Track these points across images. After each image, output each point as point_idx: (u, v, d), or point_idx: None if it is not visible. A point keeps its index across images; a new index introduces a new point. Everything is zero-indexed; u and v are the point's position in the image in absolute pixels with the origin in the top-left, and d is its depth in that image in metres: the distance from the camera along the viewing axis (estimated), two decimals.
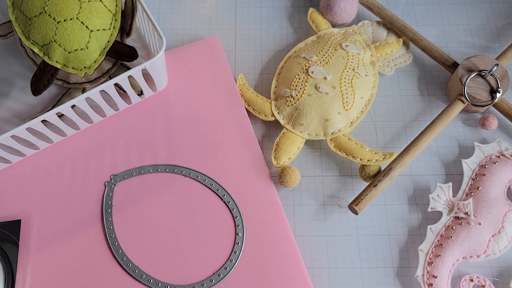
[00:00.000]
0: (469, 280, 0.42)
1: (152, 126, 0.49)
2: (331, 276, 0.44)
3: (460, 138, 0.50)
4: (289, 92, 0.48)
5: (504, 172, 0.45)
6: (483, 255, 0.43)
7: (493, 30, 0.55)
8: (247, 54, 0.54)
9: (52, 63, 0.43)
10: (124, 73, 0.43)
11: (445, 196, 0.45)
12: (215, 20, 0.56)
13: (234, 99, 0.50)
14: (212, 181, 0.46)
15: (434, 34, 0.55)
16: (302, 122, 0.47)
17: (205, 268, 0.43)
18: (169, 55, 0.51)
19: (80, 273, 0.43)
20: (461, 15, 0.56)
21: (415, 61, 0.54)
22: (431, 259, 0.43)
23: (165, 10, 0.56)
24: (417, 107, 0.51)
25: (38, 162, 0.47)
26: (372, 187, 0.43)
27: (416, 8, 0.57)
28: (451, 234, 0.43)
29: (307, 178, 0.48)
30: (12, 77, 0.51)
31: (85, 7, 0.42)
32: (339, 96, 0.47)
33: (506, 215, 0.43)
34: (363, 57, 0.50)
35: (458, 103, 0.48)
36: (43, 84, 0.44)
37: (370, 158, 0.45)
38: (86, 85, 0.48)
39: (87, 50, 0.43)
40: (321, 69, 0.48)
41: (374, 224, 0.46)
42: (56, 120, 0.43)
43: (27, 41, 0.43)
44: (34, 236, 0.44)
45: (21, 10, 0.43)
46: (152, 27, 0.45)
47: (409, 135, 0.49)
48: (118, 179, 0.46)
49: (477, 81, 0.48)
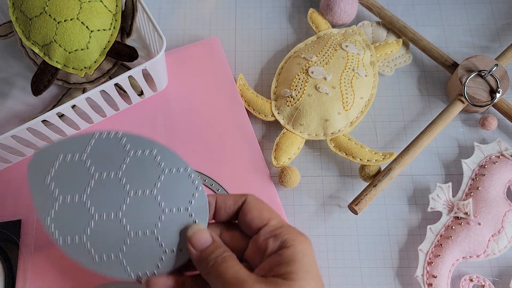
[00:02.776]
0: (469, 280, 0.42)
1: (152, 126, 0.49)
2: (331, 276, 0.44)
3: (460, 138, 0.50)
4: (289, 92, 0.48)
5: (504, 172, 0.45)
6: (482, 255, 0.43)
7: (493, 30, 0.55)
8: (247, 54, 0.54)
9: (53, 63, 0.43)
10: (125, 73, 0.43)
11: (445, 196, 0.45)
12: (215, 21, 0.56)
13: (234, 99, 0.50)
14: (212, 181, 0.46)
15: (434, 34, 0.55)
16: (302, 122, 0.47)
17: None
18: (169, 55, 0.51)
19: (80, 273, 0.42)
20: (461, 15, 0.56)
21: (415, 61, 0.54)
22: (431, 259, 0.43)
23: (165, 11, 0.56)
24: (416, 107, 0.51)
25: None
26: (372, 187, 0.43)
27: (416, 8, 0.57)
28: (450, 234, 0.43)
29: (307, 178, 0.48)
30: (12, 77, 0.51)
31: (86, 8, 0.42)
32: (339, 97, 0.47)
33: (505, 215, 0.43)
34: (363, 58, 0.50)
35: (458, 103, 0.48)
36: (44, 84, 0.44)
37: (370, 158, 0.45)
38: (87, 85, 0.48)
39: (87, 50, 0.43)
40: (321, 69, 0.48)
41: (374, 224, 0.46)
42: (57, 120, 0.43)
43: (27, 41, 0.43)
44: (34, 236, 0.44)
45: (21, 10, 0.43)
46: (152, 27, 0.45)
47: (409, 135, 0.50)
48: None
49: (476, 81, 0.48)
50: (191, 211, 0.32)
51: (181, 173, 0.32)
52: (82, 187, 0.31)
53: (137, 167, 0.32)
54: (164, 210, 0.31)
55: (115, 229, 0.31)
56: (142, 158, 0.32)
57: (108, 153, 0.32)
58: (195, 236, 0.30)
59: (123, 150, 0.32)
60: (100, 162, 0.32)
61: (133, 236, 0.31)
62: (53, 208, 0.31)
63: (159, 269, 0.31)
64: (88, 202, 0.31)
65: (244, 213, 0.32)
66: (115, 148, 0.32)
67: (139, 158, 0.32)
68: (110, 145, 0.32)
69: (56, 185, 0.31)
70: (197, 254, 0.30)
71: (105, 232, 0.31)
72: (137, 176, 0.32)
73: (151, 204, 0.31)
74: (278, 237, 0.30)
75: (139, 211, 0.31)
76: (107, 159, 0.32)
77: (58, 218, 0.31)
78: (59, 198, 0.31)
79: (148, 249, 0.31)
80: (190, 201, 0.32)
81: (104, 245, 0.31)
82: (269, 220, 0.31)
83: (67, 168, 0.31)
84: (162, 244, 0.31)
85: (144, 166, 0.32)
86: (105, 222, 0.31)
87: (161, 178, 0.32)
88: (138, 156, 0.32)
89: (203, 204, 0.32)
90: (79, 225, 0.31)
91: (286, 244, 0.29)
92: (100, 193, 0.31)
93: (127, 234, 0.31)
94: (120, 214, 0.31)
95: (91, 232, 0.31)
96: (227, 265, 0.28)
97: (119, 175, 0.32)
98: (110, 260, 0.31)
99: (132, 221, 0.31)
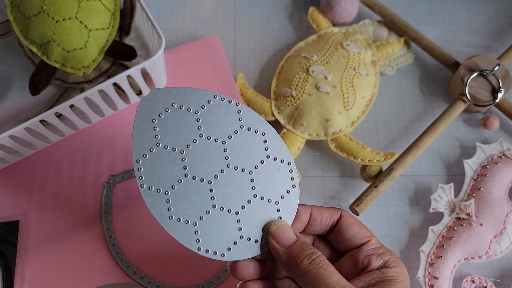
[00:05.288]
0: (471, 281, 0.42)
1: None
2: None
3: (462, 138, 0.49)
4: (290, 92, 0.48)
5: (506, 172, 0.45)
6: (484, 256, 0.42)
7: (495, 29, 0.55)
8: (247, 54, 0.54)
9: (51, 62, 0.43)
10: (123, 73, 0.43)
11: (447, 197, 0.45)
12: (214, 19, 0.56)
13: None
14: None
15: (436, 33, 0.55)
16: (302, 122, 0.47)
17: (205, 270, 0.42)
18: (168, 54, 0.51)
19: (78, 274, 0.42)
20: (462, 14, 0.56)
21: (416, 60, 0.53)
22: (433, 260, 0.42)
23: (164, 9, 0.56)
24: (418, 107, 0.51)
25: (37, 162, 0.47)
26: (373, 188, 0.43)
27: (417, 7, 0.57)
28: (452, 235, 0.43)
29: (307, 178, 0.47)
30: (10, 77, 0.51)
31: (84, 6, 0.42)
32: (339, 96, 0.47)
33: (508, 215, 0.43)
34: (364, 57, 0.50)
35: (460, 103, 0.47)
36: (42, 84, 0.44)
37: (371, 158, 0.45)
38: (85, 84, 0.47)
39: (85, 50, 0.43)
40: (321, 69, 0.48)
41: (375, 225, 0.45)
42: (55, 120, 0.43)
43: (25, 40, 0.43)
44: (32, 237, 0.44)
45: (19, 9, 0.43)
46: (151, 26, 0.45)
47: (410, 135, 0.49)
48: (117, 179, 0.46)
49: (478, 80, 0.48)
50: (280, 206, 0.31)
51: (284, 165, 0.32)
52: (185, 142, 0.31)
53: (244, 143, 0.31)
54: (255, 195, 0.31)
55: (202, 196, 0.30)
56: (252, 136, 0.32)
57: (221, 118, 0.31)
58: (279, 231, 0.30)
59: (236, 122, 0.32)
60: (210, 124, 0.31)
61: (216, 208, 0.30)
62: (149, 151, 0.30)
63: (229, 253, 0.30)
64: (186, 159, 0.31)
65: (345, 228, 0.32)
66: (230, 116, 0.32)
67: (249, 135, 0.32)
68: (227, 111, 0.32)
69: (160, 130, 0.31)
70: (284, 251, 0.30)
71: (191, 195, 0.30)
72: (241, 152, 0.31)
73: (245, 184, 0.31)
74: (382, 256, 0.31)
75: (231, 187, 0.31)
76: (218, 124, 0.31)
77: (150, 164, 0.30)
78: (159, 144, 0.31)
79: (225, 229, 0.30)
80: (282, 196, 0.31)
81: (186, 207, 0.30)
82: (370, 238, 0.32)
83: (177, 118, 0.31)
84: (241, 228, 0.31)
85: (251, 145, 0.31)
86: (195, 185, 0.31)
87: (263, 163, 0.31)
88: (248, 132, 0.32)
89: (293, 204, 0.32)
90: (168, 178, 0.30)
91: (389, 265, 0.31)
92: (200, 154, 0.31)
93: (212, 206, 0.30)
94: (213, 182, 0.31)
95: (177, 190, 0.30)
96: (327, 270, 0.29)
97: (225, 144, 0.31)
98: (185, 225, 0.30)
99: (221, 193, 0.31)
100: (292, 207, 0.32)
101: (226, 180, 0.31)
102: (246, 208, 0.31)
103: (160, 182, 0.30)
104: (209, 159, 0.31)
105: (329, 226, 0.33)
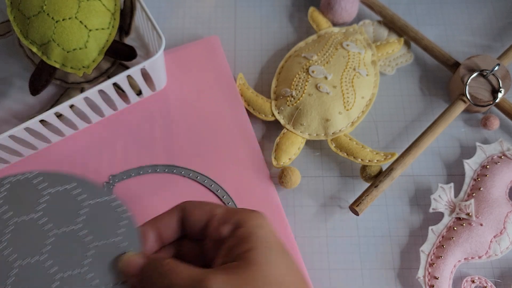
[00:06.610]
0: (471, 281, 0.42)
1: (151, 126, 0.48)
2: (331, 278, 0.43)
3: (462, 138, 0.49)
4: (290, 92, 0.48)
5: (506, 172, 0.45)
6: (484, 256, 0.42)
7: (495, 29, 0.55)
8: (247, 54, 0.54)
9: (51, 62, 0.43)
10: (123, 73, 0.43)
11: (447, 197, 0.45)
12: (214, 19, 0.55)
13: (234, 99, 0.49)
14: (212, 181, 0.46)
15: (435, 33, 0.55)
16: (302, 122, 0.47)
17: None
18: (168, 54, 0.51)
19: None
20: (462, 14, 0.56)
21: (416, 60, 0.53)
22: (433, 260, 0.42)
23: (164, 9, 0.56)
24: (418, 107, 0.51)
25: (36, 162, 0.47)
26: (373, 188, 0.43)
27: (417, 7, 0.57)
28: (452, 235, 0.43)
29: (307, 178, 0.47)
30: (10, 77, 0.51)
31: (84, 6, 0.42)
32: (340, 96, 0.47)
33: (508, 216, 0.43)
34: (364, 57, 0.50)
35: (460, 103, 0.47)
36: (42, 84, 0.44)
37: (371, 158, 0.45)
38: (85, 84, 0.47)
39: (85, 50, 0.43)
40: (321, 69, 0.48)
41: (375, 225, 0.45)
42: (55, 120, 0.43)
43: (25, 40, 0.43)
44: None
45: (19, 9, 0.43)
46: (151, 26, 0.45)
47: (410, 135, 0.49)
48: (116, 179, 0.46)
49: (478, 80, 0.48)
50: (120, 241, 0.30)
51: (104, 203, 0.30)
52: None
53: (55, 204, 0.30)
54: (89, 245, 0.29)
55: (39, 274, 0.28)
56: (61, 194, 0.30)
57: (22, 196, 0.29)
58: (125, 264, 0.28)
59: (38, 190, 0.30)
60: (15, 207, 0.29)
61: (61, 277, 0.28)
62: None
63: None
64: (6, 251, 0.29)
65: (187, 219, 0.30)
66: (29, 189, 0.30)
67: (57, 195, 0.30)
68: (23, 187, 0.30)
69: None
70: (138, 279, 0.28)
71: (29, 279, 0.28)
72: (56, 214, 0.29)
73: (75, 240, 0.29)
74: (229, 221, 0.28)
75: (63, 250, 0.29)
76: (21, 202, 0.29)
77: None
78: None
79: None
80: (117, 231, 0.30)
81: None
82: (212, 211, 0.29)
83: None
84: (97, 280, 0.29)
85: (63, 203, 0.30)
86: (26, 268, 0.28)
87: (82, 212, 0.30)
88: (56, 193, 0.30)
89: (132, 231, 0.30)
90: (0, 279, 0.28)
91: (239, 225, 0.28)
92: (18, 239, 0.29)
93: (52, 278, 0.28)
94: (42, 257, 0.29)
95: (13, 283, 0.28)
96: (177, 270, 0.26)
97: (36, 216, 0.29)
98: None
99: (57, 262, 0.29)
100: (133, 234, 0.30)
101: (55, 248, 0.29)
102: (89, 261, 0.29)
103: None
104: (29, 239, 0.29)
105: (178, 227, 0.30)
